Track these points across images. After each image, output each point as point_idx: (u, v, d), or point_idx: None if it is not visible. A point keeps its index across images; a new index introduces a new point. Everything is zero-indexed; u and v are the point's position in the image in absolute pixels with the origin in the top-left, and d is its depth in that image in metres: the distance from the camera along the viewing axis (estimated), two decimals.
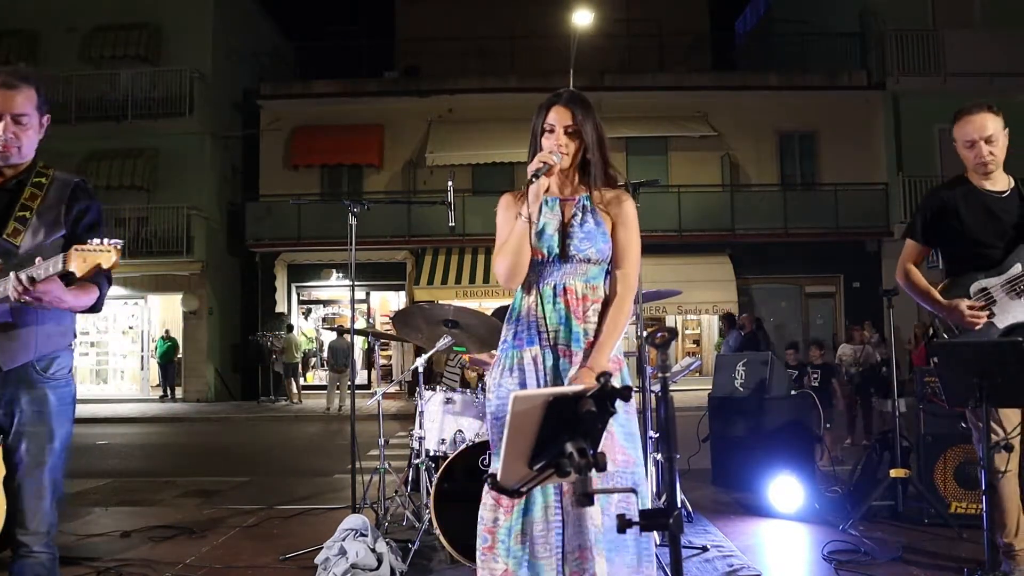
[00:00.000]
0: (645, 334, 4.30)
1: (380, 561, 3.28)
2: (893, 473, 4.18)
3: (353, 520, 3.50)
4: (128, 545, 4.02)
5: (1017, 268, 3.02)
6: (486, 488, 2.24)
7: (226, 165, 17.56)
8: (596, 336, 2.24)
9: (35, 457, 2.33)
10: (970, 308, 3.01)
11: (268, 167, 16.96)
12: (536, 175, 2.18)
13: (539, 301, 2.28)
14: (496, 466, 2.04)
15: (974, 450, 3.47)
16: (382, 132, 16.89)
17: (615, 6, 18.18)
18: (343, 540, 3.36)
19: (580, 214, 2.29)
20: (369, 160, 16.78)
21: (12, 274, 2.09)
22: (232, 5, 17.47)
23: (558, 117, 2.30)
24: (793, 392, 5.33)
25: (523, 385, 2.23)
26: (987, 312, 3.03)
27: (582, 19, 14.30)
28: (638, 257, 2.35)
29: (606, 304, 2.30)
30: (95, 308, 2.34)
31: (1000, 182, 3.12)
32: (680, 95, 16.79)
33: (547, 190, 2.27)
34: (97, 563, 3.63)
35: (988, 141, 3.06)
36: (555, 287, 2.28)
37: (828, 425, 8.03)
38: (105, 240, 2.09)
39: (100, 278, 2.26)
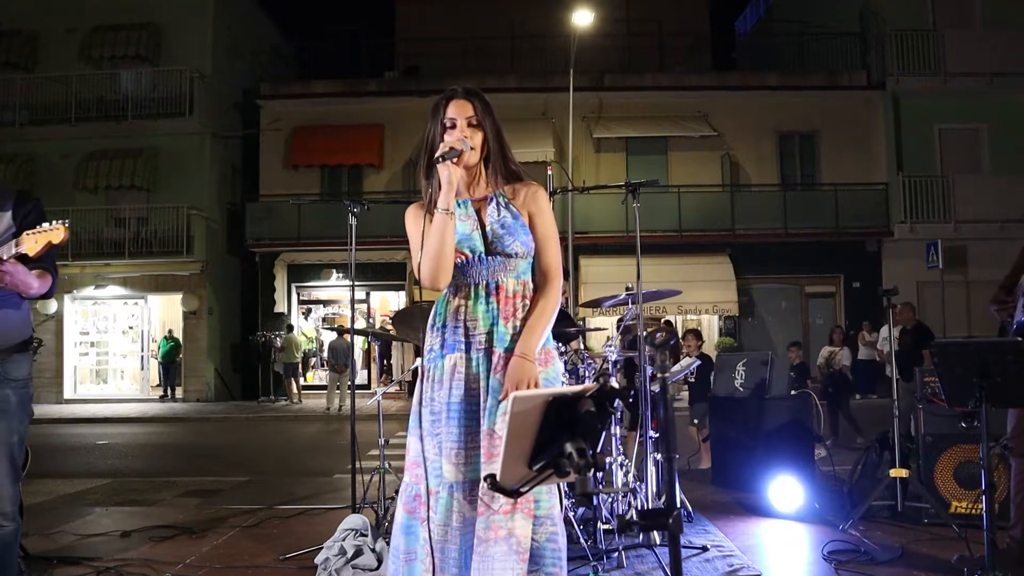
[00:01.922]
0: (645, 334, 4.30)
1: (380, 561, 3.28)
2: (893, 473, 4.18)
3: (353, 520, 3.50)
4: (128, 545, 4.02)
5: None
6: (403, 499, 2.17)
7: (226, 165, 17.57)
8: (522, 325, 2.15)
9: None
10: (999, 295, 3.24)
11: (268, 167, 16.97)
12: (444, 156, 2.08)
13: (470, 301, 2.18)
14: (417, 488, 2.08)
15: (974, 450, 3.48)
16: (382, 132, 16.89)
17: (615, 6, 18.17)
18: (343, 540, 3.36)
19: (496, 211, 2.20)
20: (369, 160, 16.78)
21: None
22: (232, 5, 17.48)
23: (458, 110, 2.20)
24: (793, 392, 5.33)
25: (456, 394, 2.10)
26: (1011, 305, 3.20)
27: (582, 19, 14.29)
28: (558, 245, 2.28)
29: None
30: (48, 294, 2.65)
31: None
32: (680, 95, 16.79)
33: (456, 192, 2.16)
34: (97, 563, 3.63)
35: None
36: (487, 285, 2.18)
37: (828, 441, 8.01)
38: (53, 222, 2.44)
39: (50, 265, 2.59)
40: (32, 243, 2.41)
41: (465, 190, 2.25)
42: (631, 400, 4.39)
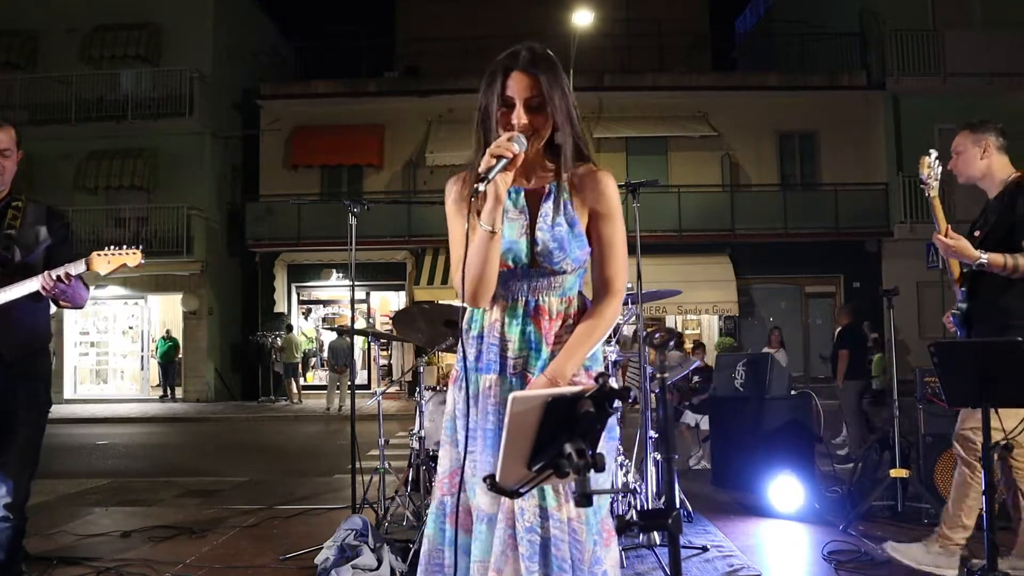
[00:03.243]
0: (645, 334, 4.30)
1: (380, 561, 3.28)
2: (893, 473, 4.18)
3: (353, 520, 3.50)
4: (128, 545, 4.02)
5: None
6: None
7: (226, 165, 17.57)
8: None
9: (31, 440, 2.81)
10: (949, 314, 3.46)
11: (268, 167, 16.97)
12: (487, 176, 1.66)
13: (507, 318, 1.86)
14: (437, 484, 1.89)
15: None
16: (382, 132, 16.89)
17: (615, 6, 18.19)
18: (343, 540, 3.36)
19: (551, 214, 1.85)
20: (369, 160, 16.79)
21: (45, 273, 2.59)
22: (232, 5, 17.48)
23: (519, 87, 1.78)
24: (793, 392, 5.34)
25: (491, 420, 1.83)
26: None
27: (582, 19, 14.30)
28: (625, 254, 1.91)
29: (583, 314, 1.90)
30: (83, 305, 2.87)
31: (993, 190, 3.36)
32: (680, 95, 16.79)
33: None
34: (97, 563, 3.63)
35: (956, 152, 3.38)
36: (526, 304, 1.86)
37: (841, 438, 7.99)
38: (124, 246, 2.72)
39: (84, 281, 2.76)
40: (104, 264, 2.65)
41: (520, 174, 1.85)
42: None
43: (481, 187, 1.66)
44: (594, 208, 1.88)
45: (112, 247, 2.70)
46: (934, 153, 3.16)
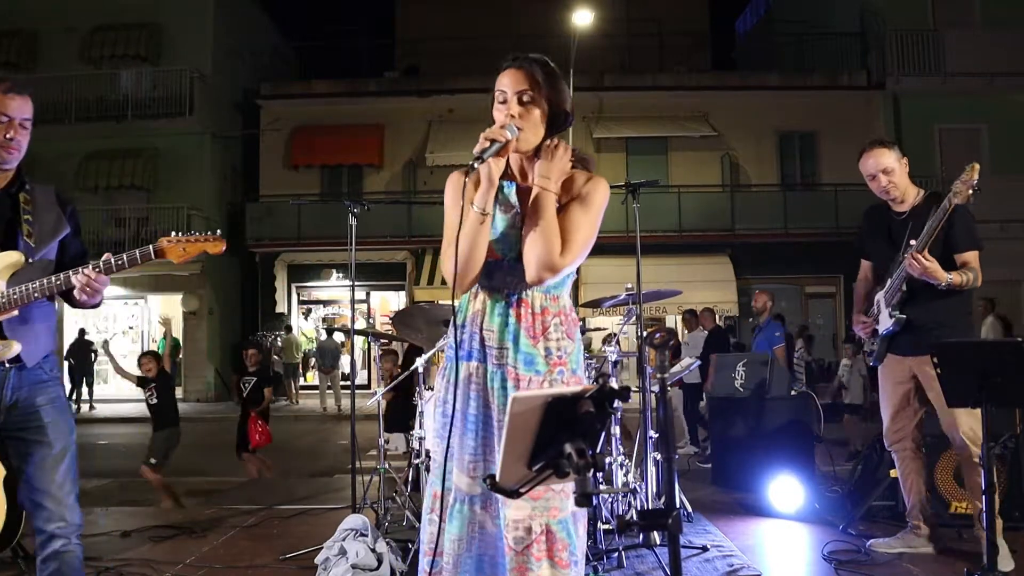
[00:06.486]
0: (644, 334, 4.31)
1: (380, 561, 3.28)
2: (893, 473, 4.17)
3: (353, 520, 3.50)
4: (128, 545, 4.02)
5: (887, 282, 3.49)
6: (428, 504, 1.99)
7: (226, 165, 17.56)
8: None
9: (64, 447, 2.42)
10: (858, 320, 3.70)
11: (268, 167, 16.97)
12: (480, 158, 1.78)
13: (487, 309, 1.91)
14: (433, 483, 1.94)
15: None
16: (382, 132, 16.89)
17: (615, 6, 18.18)
18: (343, 540, 3.36)
19: None
20: (369, 160, 16.79)
21: (97, 260, 2.27)
22: (232, 5, 17.47)
23: (510, 82, 1.90)
24: (794, 392, 5.33)
25: (473, 404, 1.91)
26: (872, 322, 3.60)
27: (582, 19, 14.29)
28: (582, 243, 1.89)
29: (567, 316, 1.94)
30: (100, 303, 2.49)
31: (906, 203, 3.51)
32: (680, 95, 16.80)
33: (504, 174, 1.91)
34: (97, 563, 3.63)
35: (886, 172, 3.49)
36: (508, 296, 1.90)
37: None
38: (200, 232, 2.35)
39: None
40: (179, 251, 2.30)
41: (517, 171, 1.97)
42: None
43: (476, 165, 1.78)
44: (572, 195, 1.93)
45: (181, 233, 2.34)
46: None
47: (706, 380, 6.94)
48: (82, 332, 15.47)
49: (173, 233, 2.37)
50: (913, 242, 3.24)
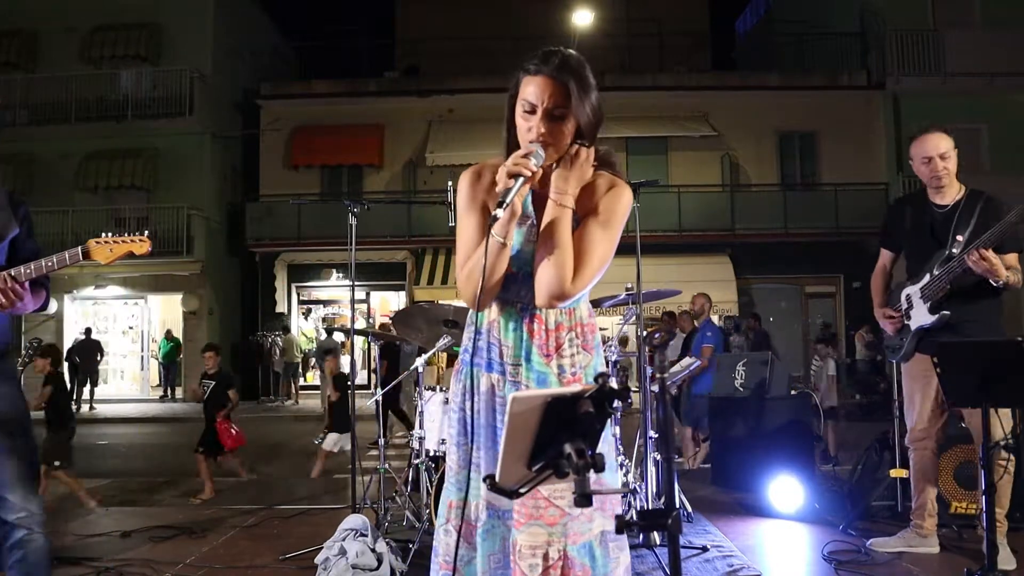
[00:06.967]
0: (644, 335, 4.31)
1: (380, 561, 3.28)
2: (893, 473, 4.17)
3: (353, 520, 3.50)
4: (128, 545, 4.02)
5: (927, 277, 3.40)
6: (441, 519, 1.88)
7: (226, 165, 17.56)
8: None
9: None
10: (884, 314, 3.58)
11: (268, 167, 16.97)
12: (502, 202, 1.60)
13: (501, 322, 1.81)
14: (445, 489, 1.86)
15: (974, 450, 3.49)
16: (382, 132, 16.89)
17: (615, 6, 18.19)
18: (343, 540, 3.36)
19: None
20: (369, 160, 16.79)
21: (5, 273, 2.26)
22: (232, 5, 17.48)
23: (541, 93, 1.70)
24: (794, 392, 5.33)
25: (497, 417, 1.80)
26: (901, 316, 3.51)
27: (582, 19, 14.32)
28: (599, 263, 1.75)
29: (587, 327, 1.83)
30: (44, 307, 2.50)
31: (948, 195, 3.42)
32: (680, 95, 16.80)
33: None
34: (97, 563, 3.63)
35: (943, 158, 3.37)
36: (521, 312, 1.80)
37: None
38: (135, 232, 2.34)
39: (46, 280, 2.44)
40: (105, 252, 2.28)
41: (536, 181, 1.77)
42: None
43: (499, 212, 1.61)
44: (589, 207, 1.78)
45: (111, 234, 2.33)
46: None
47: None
48: (88, 332, 15.46)
49: (103, 234, 2.37)
50: (960, 238, 3.23)
